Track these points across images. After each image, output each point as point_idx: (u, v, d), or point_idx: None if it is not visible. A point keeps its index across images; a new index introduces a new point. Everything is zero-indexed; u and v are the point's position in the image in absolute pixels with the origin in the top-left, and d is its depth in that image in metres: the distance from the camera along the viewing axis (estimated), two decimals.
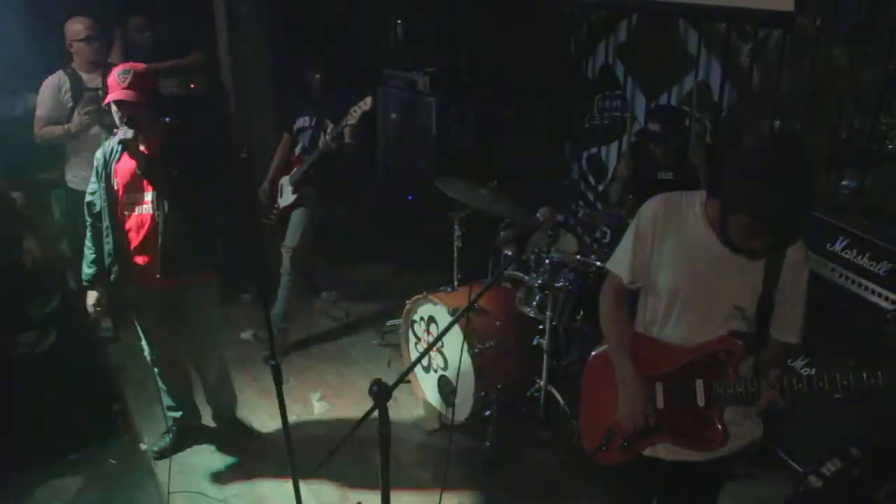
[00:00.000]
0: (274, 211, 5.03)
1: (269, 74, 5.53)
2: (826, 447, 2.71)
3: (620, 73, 5.41)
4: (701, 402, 2.28)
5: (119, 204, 3.49)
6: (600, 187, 5.64)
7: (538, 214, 2.65)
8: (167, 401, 4.00)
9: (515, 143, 5.83)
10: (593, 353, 2.66)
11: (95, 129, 4.44)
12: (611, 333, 2.49)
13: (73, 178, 4.64)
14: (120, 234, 3.51)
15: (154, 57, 5.22)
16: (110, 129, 4.44)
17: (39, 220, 4.93)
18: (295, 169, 4.88)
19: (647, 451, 2.44)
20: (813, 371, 2.27)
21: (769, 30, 4.33)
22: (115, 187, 3.48)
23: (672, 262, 2.30)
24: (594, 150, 5.71)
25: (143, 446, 4.06)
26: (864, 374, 1.99)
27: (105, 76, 4.43)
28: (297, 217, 4.90)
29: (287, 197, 4.94)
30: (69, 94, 4.41)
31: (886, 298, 3.16)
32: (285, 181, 4.95)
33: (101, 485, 3.82)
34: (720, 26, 4.61)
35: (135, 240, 3.50)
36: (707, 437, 2.30)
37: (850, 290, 3.31)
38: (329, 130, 4.67)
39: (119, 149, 3.45)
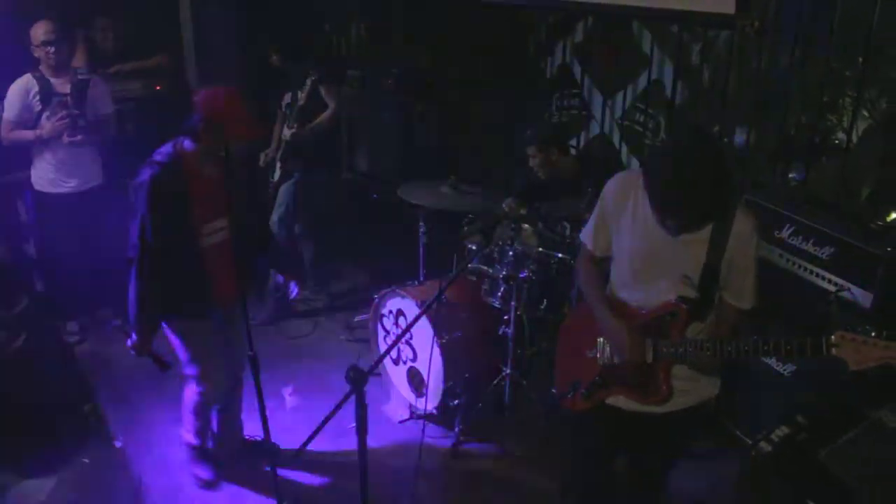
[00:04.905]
0: (270, 187, 5.22)
1: (236, 75, 5.57)
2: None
3: (578, 72, 5.58)
4: (649, 358, 2.48)
5: (197, 233, 3.24)
6: None
7: (503, 205, 2.80)
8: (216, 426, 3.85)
9: (478, 142, 5.96)
10: (567, 315, 2.87)
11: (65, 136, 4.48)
12: (589, 291, 2.71)
13: (38, 179, 4.66)
14: (199, 263, 3.28)
15: (118, 59, 5.27)
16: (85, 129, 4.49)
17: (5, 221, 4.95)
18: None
19: (609, 401, 2.64)
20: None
21: (717, 31, 4.52)
22: (189, 215, 3.20)
23: (627, 236, 2.52)
24: None
25: (117, 444, 4.09)
26: (783, 341, 2.21)
27: (72, 80, 4.49)
28: (282, 194, 5.11)
29: (277, 173, 5.17)
30: (37, 97, 4.43)
31: (829, 281, 3.36)
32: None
33: (75, 484, 3.82)
34: (672, 27, 4.80)
35: (214, 265, 3.29)
36: (651, 392, 2.52)
37: (796, 274, 3.51)
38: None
39: (177, 174, 3.17)
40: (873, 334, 2.07)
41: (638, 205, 2.47)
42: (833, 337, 2.12)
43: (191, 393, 3.60)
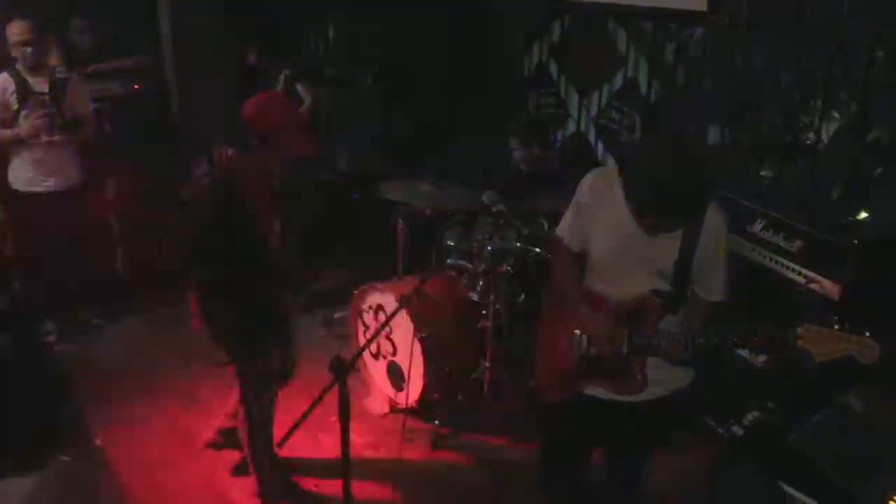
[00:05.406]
0: None
1: (215, 75, 5.58)
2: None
3: (554, 71, 5.66)
4: (624, 349, 2.54)
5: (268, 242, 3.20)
6: None
7: (483, 198, 2.85)
8: None
9: (456, 140, 6.01)
10: (545, 308, 2.92)
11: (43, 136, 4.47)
12: (565, 285, 2.76)
13: (15, 179, 4.65)
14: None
15: (95, 58, 5.26)
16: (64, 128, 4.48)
17: None
18: None
19: (587, 391, 2.70)
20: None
21: (692, 29, 4.61)
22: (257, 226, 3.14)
23: (602, 232, 2.57)
24: None
25: (98, 442, 4.09)
26: (751, 334, 2.30)
27: (50, 79, 4.49)
28: None
29: None
30: (14, 96, 4.42)
31: (799, 273, 3.45)
32: None
33: (55, 483, 3.81)
34: (647, 25, 4.88)
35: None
36: (626, 382, 2.58)
37: (768, 267, 3.59)
38: None
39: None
40: (836, 327, 2.14)
41: (613, 201, 2.51)
42: (798, 330, 2.19)
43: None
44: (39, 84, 4.48)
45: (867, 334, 2.10)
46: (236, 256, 2.97)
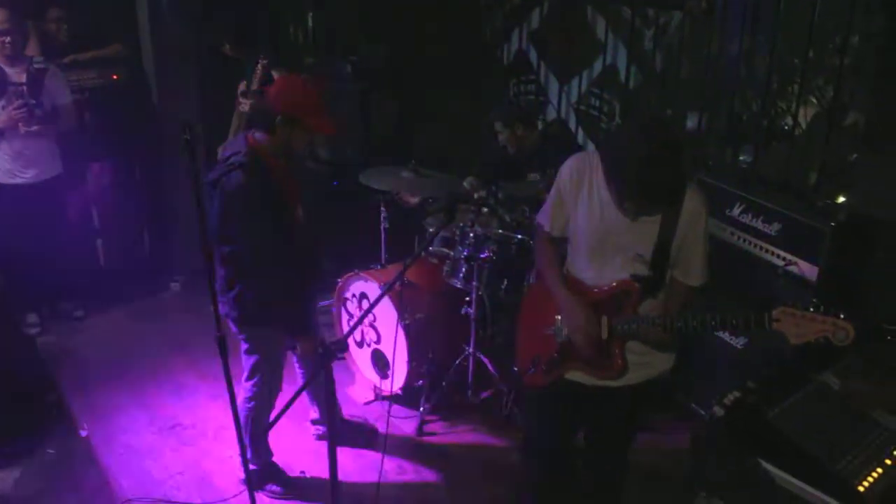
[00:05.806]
0: None
1: (193, 63, 5.55)
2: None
3: (534, 58, 5.68)
4: (604, 335, 2.57)
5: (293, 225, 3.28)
6: None
7: (465, 184, 2.86)
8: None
9: (436, 128, 6.03)
10: (525, 294, 2.95)
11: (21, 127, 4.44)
12: (545, 271, 2.78)
13: None
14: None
15: (72, 49, 5.21)
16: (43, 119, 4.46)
17: None
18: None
19: (569, 376, 2.72)
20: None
21: (669, 16, 4.65)
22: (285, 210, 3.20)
23: (583, 216, 2.59)
24: None
25: (82, 433, 4.09)
26: (729, 316, 2.34)
27: (28, 69, 4.45)
28: None
29: None
30: None
31: (778, 256, 3.51)
32: None
33: (39, 475, 3.80)
34: (625, 12, 4.91)
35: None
36: (607, 366, 2.61)
37: (746, 250, 3.65)
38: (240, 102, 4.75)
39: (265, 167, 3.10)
40: (811, 309, 2.18)
41: (594, 186, 2.54)
42: (774, 312, 2.22)
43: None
44: (17, 75, 4.44)
45: (842, 316, 2.14)
46: (273, 233, 3.06)
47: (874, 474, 2.36)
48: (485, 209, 4.22)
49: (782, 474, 2.35)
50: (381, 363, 4.27)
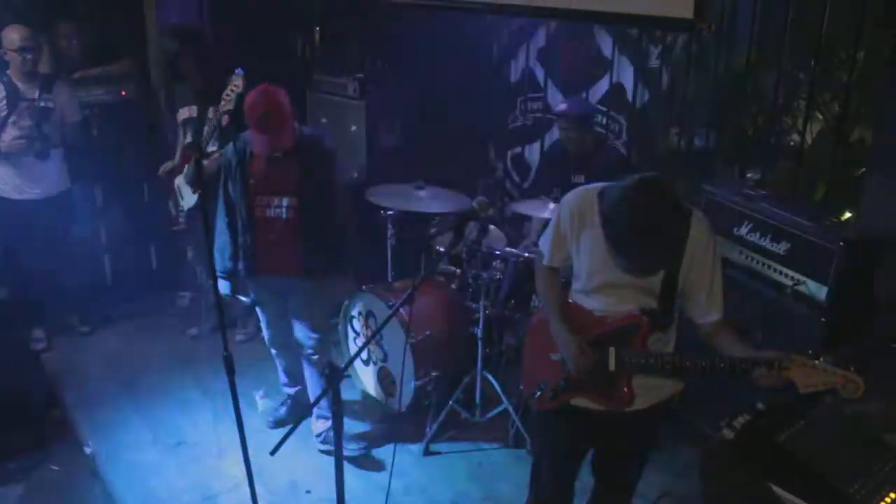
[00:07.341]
0: (179, 216, 4.74)
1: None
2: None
3: (541, 76, 5.68)
4: (611, 367, 2.53)
5: (253, 204, 3.66)
6: (525, 184, 5.91)
7: (474, 203, 2.85)
8: (282, 377, 4.26)
9: (443, 145, 6.02)
10: (533, 317, 2.94)
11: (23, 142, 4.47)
12: (545, 299, 2.78)
13: (3, 186, 4.62)
14: (254, 232, 3.71)
15: (83, 64, 5.24)
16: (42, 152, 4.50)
17: None
18: (186, 167, 4.53)
19: (576, 402, 2.68)
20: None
21: (676, 35, 4.65)
22: (250, 187, 3.65)
23: (586, 255, 2.55)
24: (518, 149, 5.98)
25: (87, 450, 4.07)
26: (738, 360, 2.33)
27: (41, 86, 4.47)
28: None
29: (189, 198, 4.61)
30: (4, 101, 4.41)
31: (786, 275, 3.49)
32: (181, 181, 4.61)
33: (43, 491, 3.80)
34: (632, 31, 4.91)
35: (266, 238, 3.70)
36: (615, 397, 2.57)
37: (755, 270, 3.63)
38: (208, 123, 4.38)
39: (250, 151, 3.61)
40: (821, 359, 2.18)
41: (595, 227, 2.45)
42: (785, 360, 2.21)
43: None
44: (30, 90, 4.47)
45: (852, 368, 2.13)
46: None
47: (888, 499, 2.33)
48: (492, 227, 4.22)
49: (793, 498, 2.32)
50: (386, 381, 4.25)
